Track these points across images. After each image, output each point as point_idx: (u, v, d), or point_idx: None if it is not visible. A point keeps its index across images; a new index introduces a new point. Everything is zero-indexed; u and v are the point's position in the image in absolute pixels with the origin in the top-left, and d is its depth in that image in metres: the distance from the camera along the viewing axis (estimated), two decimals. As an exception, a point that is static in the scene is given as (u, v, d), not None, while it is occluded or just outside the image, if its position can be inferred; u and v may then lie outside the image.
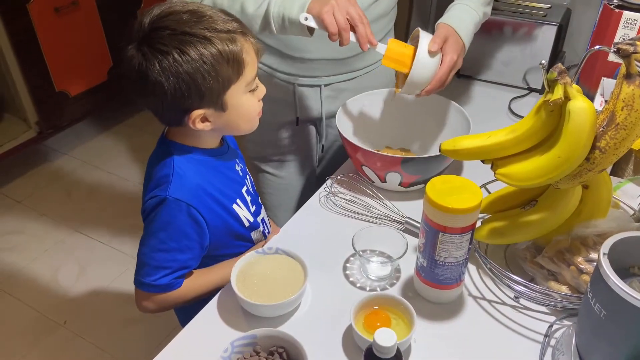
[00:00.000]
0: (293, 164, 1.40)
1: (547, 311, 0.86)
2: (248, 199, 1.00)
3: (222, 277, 0.94)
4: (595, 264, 0.72)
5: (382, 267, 0.92)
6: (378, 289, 0.90)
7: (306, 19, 0.96)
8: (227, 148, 0.99)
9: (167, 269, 0.89)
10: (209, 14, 0.82)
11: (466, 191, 0.78)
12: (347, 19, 0.96)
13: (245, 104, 0.88)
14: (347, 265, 0.95)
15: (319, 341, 0.81)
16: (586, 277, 0.81)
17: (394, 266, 0.93)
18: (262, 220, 1.06)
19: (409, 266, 0.92)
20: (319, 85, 1.24)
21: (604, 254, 0.66)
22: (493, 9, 1.47)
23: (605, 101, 0.77)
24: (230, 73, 0.83)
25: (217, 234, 0.93)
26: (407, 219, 1.01)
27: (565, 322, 0.83)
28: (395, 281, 0.92)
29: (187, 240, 0.89)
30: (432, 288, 0.86)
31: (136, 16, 0.83)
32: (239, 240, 1.00)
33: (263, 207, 1.09)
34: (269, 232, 1.09)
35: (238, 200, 0.97)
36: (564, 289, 0.84)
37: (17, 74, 2.25)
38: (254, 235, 1.03)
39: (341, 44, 0.97)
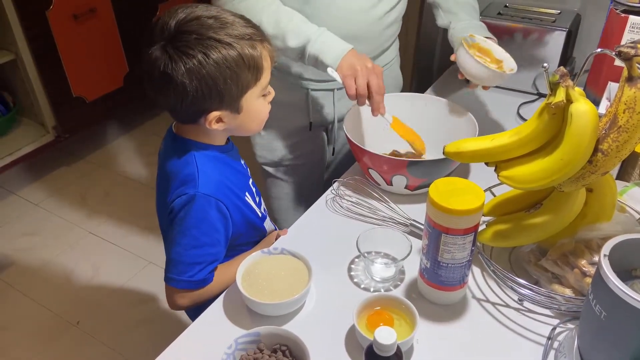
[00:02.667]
0: (304, 169, 1.41)
1: (551, 314, 0.86)
2: (253, 190, 1.04)
3: None
4: (597, 266, 0.72)
5: (386, 269, 0.93)
6: (382, 290, 0.91)
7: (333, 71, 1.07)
8: (232, 145, 1.02)
9: (202, 264, 0.92)
10: (231, 20, 0.85)
11: (469, 193, 0.78)
12: (367, 85, 1.04)
13: (258, 107, 0.93)
14: (352, 266, 0.96)
15: (322, 340, 0.82)
16: (589, 280, 0.81)
17: (398, 268, 0.93)
18: (265, 209, 1.09)
19: (413, 268, 0.93)
20: (332, 89, 1.26)
21: (605, 255, 0.67)
22: (502, 14, 1.48)
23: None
24: (249, 78, 0.87)
25: (238, 225, 0.96)
26: (412, 222, 1.02)
27: (569, 325, 0.83)
28: (399, 283, 0.93)
29: (217, 234, 0.92)
30: (435, 290, 0.86)
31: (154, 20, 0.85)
32: (254, 230, 1.03)
33: (265, 205, 1.11)
34: (270, 221, 1.11)
35: (247, 193, 1.00)
36: (568, 292, 0.84)
37: (35, 79, 2.31)
38: (266, 225, 1.06)
39: (357, 103, 1.08)
